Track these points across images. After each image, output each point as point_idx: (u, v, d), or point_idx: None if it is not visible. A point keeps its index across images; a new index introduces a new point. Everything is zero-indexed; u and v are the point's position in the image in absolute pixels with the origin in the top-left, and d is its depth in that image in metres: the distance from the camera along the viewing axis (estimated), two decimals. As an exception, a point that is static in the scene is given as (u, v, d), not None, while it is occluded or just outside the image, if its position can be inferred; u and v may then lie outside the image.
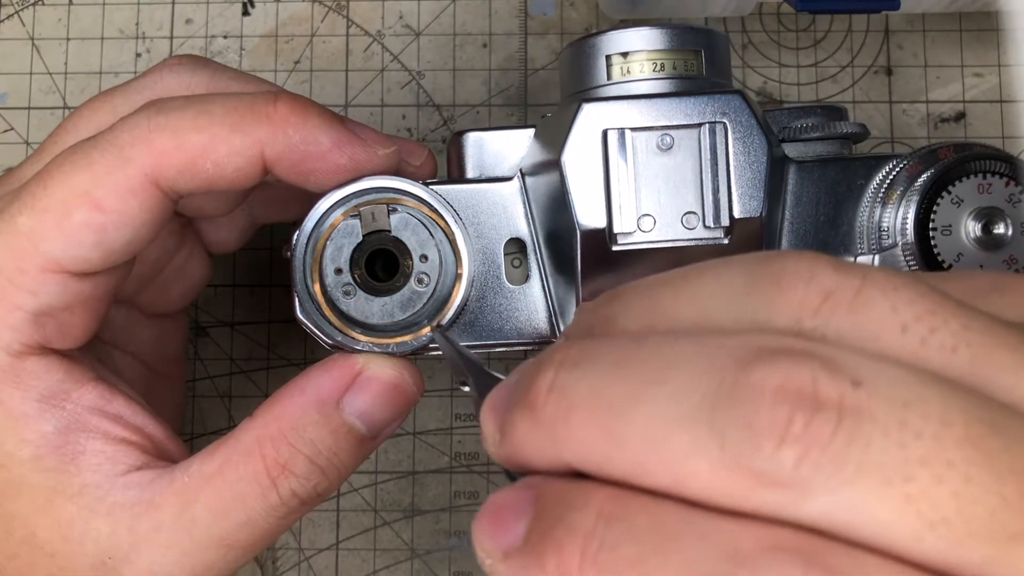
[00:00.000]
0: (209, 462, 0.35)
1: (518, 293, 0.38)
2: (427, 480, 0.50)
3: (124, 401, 0.36)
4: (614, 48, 0.37)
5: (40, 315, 0.34)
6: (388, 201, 0.36)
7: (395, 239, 0.36)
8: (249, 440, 0.35)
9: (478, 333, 0.38)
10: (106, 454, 0.35)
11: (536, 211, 0.37)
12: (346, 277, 0.36)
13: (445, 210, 0.36)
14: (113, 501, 0.34)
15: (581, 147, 0.35)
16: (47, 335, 0.35)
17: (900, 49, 0.51)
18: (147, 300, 0.43)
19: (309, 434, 0.35)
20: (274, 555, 0.49)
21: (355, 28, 0.52)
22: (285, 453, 0.34)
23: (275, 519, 0.35)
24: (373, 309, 0.36)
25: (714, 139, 0.35)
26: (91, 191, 0.33)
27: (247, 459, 0.35)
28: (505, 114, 0.51)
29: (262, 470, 0.34)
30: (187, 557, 0.34)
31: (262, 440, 0.35)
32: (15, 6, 0.52)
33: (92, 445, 0.35)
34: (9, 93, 0.51)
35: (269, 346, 0.50)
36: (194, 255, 0.44)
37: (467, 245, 0.36)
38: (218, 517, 0.34)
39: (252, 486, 0.34)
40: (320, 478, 0.35)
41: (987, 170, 0.35)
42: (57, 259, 0.33)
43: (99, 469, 0.35)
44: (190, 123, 0.34)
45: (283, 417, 0.35)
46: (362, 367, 0.35)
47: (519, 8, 0.52)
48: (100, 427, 0.35)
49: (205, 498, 0.34)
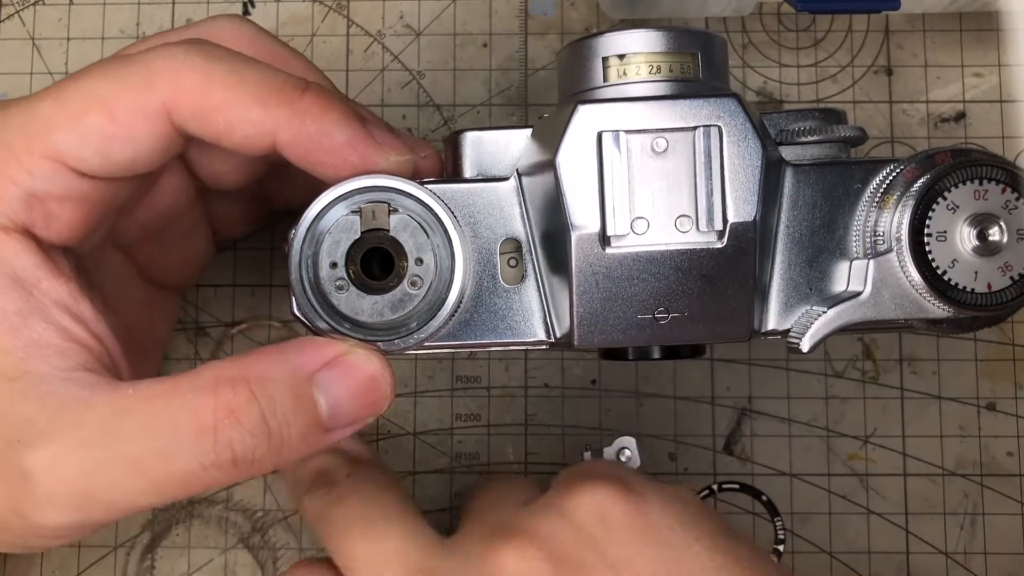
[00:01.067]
0: (160, 384, 0.34)
1: (513, 293, 0.38)
2: (427, 480, 0.50)
3: (90, 307, 0.36)
4: (611, 50, 0.37)
5: (31, 196, 0.35)
6: (389, 200, 0.36)
7: (392, 239, 0.36)
8: (208, 376, 0.34)
9: (473, 332, 0.38)
10: (59, 348, 0.34)
11: (532, 211, 0.37)
12: (340, 272, 0.36)
13: (443, 212, 0.36)
14: (48, 390, 0.34)
15: (576, 149, 0.35)
16: (33, 218, 0.35)
17: (900, 49, 0.51)
18: (144, 256, 0.43)
19: (272, 390, 0.33)
20: (274, 555, 0.49)
21: (355, 28, 0.52)
22: (242, 397, 0.33)
23: (198, 466, 0.33)
24: (364, 306, 0.36)
25: (708, 142, 0.35)
26: (110, 101, 0.34)
27: (198, 393, 0.33)
28: (505, 114, 0.51)
29: (209, 409, 0.33)
30: (94, 464, 0.33)
31: (221, 380, 0.33)
32: (15, 6, 0.52)
33: (48, 337, 0.34)
34: (9, 93, 0.52)
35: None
36: (199, 226, 0.44)
37: (463, 250, 0.36)
38: (141, 436, 0.33)
39: (191, 419, 0.33)
40: (262, 441, 0.33)
41: (983, 176, 0.35)
42: (60, 150, 0.34)
43: (46, 360, 0.34)
44: (221, 76, 0.35)
45: (252, 366, 0.34)
46: (346, 352, 0.35)
47: (519, 8, 0.52)
48: (61, 322, 0.35)
49: (138, 413, 0.33)
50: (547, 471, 0.49)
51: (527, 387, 0.50)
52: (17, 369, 0.34)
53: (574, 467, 0.41)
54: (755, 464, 0.49)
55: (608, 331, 0.36)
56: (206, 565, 0.49)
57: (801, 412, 0.49)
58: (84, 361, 0.35)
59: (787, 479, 0.49)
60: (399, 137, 0.37)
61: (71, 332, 0.35)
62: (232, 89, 0.35)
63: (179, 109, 0.35)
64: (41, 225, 0.35)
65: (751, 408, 0.49)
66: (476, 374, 0.50)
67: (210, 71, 0.35)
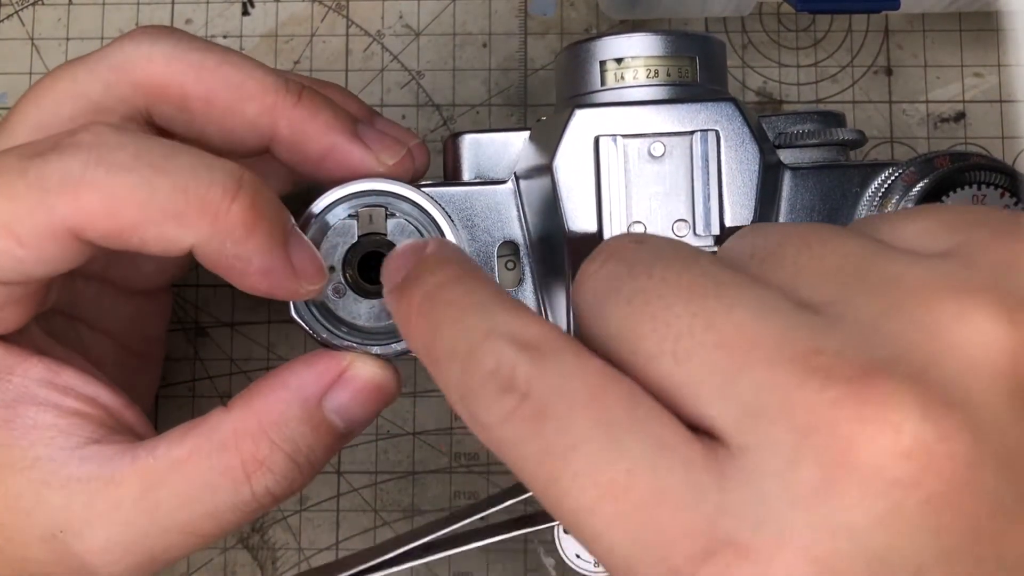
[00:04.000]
0: (179, 447, 0.34)
1: (512, 295, 0.38)
2: (427, 480, 0.50)
3: (73, 373, 0.35)
4: (608, 54, 0.37)
5: None
6: (386, 204, 0.36)
7: (390, 243, 0.36)
8: (225, 432, 0.34)
9: None
10: (59, 427, 0.34)
11: (529, 214, 0.37)
12: (338, 276, 0.36)
13: (440, 216, 0.36)
14: (68, 475, 0.33)
15: (573, 153, 0.35)
16: None
17: (900, 49, 0.51)
18: (119, 276, 0.41)
19: (290, 431, 0.34)
20: (274, 555, 0.49)
21: (355, 28, 0.52)
22: (265, 449, 0.34)
23: (243, 513, 0.34)
24: (361, 310, 0.36)
25: (706, 146, 0.35)
26: (11, 225, 0.31)
27: (222, 451, 0.34)
28: (505, 114, 0.51)
29: (238, 465, 0.33)
30: (146, 538, 0.34)
31: (240, 434, 0.34)
32: (15, 6, 0.52)
33: (43, 418, 0.34)
34: (9, 93, 0.52)
35: (269, 346, 0.50)
36: None
37: (456, 240, 0.36)
38: (184, 504, 0.33)
39: (224, 479, 0.33)
40: (296, 475, 0.34)
41: (982, 180, 0.35)
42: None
43: (52, 442, 0.33)
44: (127, 192, 0.31)
45: (264, 412, 0.34)
46: (347, 365, 0.35)
47: (519, 8, 0.52)
48: (50, 399, 0.34)
49: (172, 483, 0.33)
50: (546, 471, 0.49)
51: (526, 387, 0.50)
52: (26, 458, 0.33)
53: None
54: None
55: None
56: (205, 565, 0.49)
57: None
58: (89, 433, 0.34)
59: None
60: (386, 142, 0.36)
61: (64, 405, 0.34)
62: (141, 208, 0.31)
63: (85, 231, 0.31)
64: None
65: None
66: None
67: (113, 188, 0.31)
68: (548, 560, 0.49)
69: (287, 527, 0.49)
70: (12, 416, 0.34)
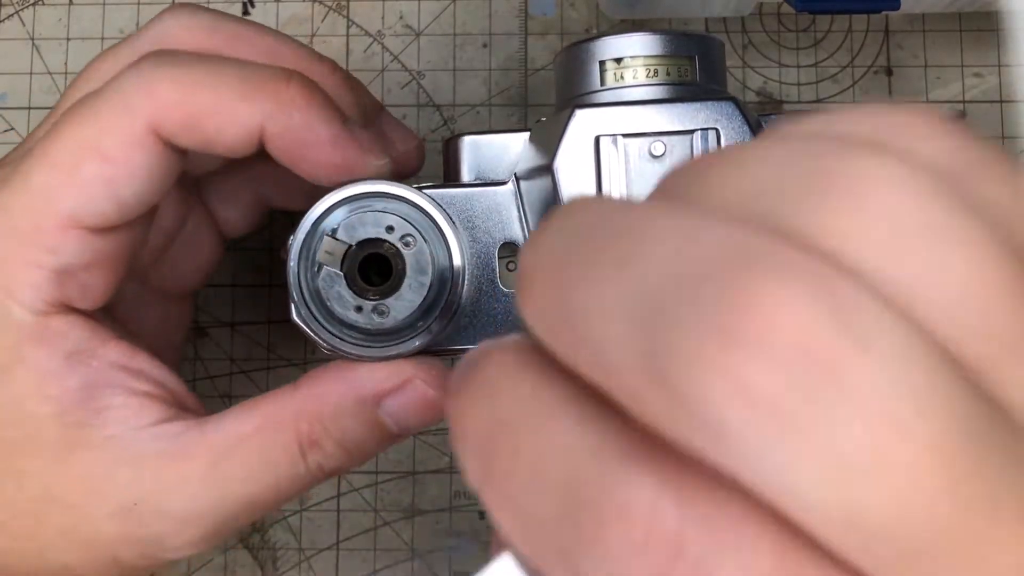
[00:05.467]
0: (245, 423, 0.35)
1: (513, 297, 0.38)
2: (427, 480, 0.50)
3: (146, 357, 0.36)
4: (608, 54, 0.37)
5: (61, 273, 0.34)
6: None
7: (390, 244, 0.36)
8: (288, 412, 0.35)
9: (474, 337, 0.38)
10: (131, 407, 0.35)
11: (530, 215, 0.37)
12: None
13: (441, 218, 0.36)
14: (139, 451, 0.35)
15: (574, 153, 0.35)
16: (69, 293, 0.35)
17: (900, 49, 0.51)
18: (158, 275, 0.43)
19: (343, 422, 0.35)
20: (274, 555, 0.49)
21: (355, 28, 0.52)
22: (318, 432, 0.35)
23: (300, 484, 0.36)
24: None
25: (706, 145, 0.35)
26: (98, 142, 0.33)
27: (282, 429, 0.35)
28: (505, 114, 0.51)
29: (294, 442, 0.35)
30: (215, 509, 0.35)
31: (299, 414, 0.35)
32: (15, 6, 0.52)
33: (117, 399, 0.35)
34: (9, 93, 0.52)
35: (269, 346, 0.50)
36: (204, 228, 0.43)
37: (461, 255, 0.36)
38: (248, 477, 0.35)
39: (284, 454, 0.35)
40: (345, 458, 0.36)
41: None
42: (73, 215, 0.33)
43: (125, 422, 0.35)
44: (199, 79, 0.34)
45: (323, 399, 0.35)
46: (411, 379, 0.36)
47: (519, 8, 0.52)
48: (124, 382, 0.35)
49: (238, 457, 0.35)
50: (547, 471, 0.49)
51: (527, 387, 0.50)
52: (100, 437, 0.35)
53: None
54: (754, 464, 0.49)
55: None
56: (206, 565, 0.49)
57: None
58: (157, 412, 0.35)
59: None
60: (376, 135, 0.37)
61: (136, 388, 0.36)
62: (213, 90, 0.34)
63: (165, 125, 0.33)
64: (78, 298, 0.35)
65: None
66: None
67: (184, 77, 0.34)
68: (548, 560, 0.49)
69: (287, 527, 0.49)
70: (88, 397, 0.35)
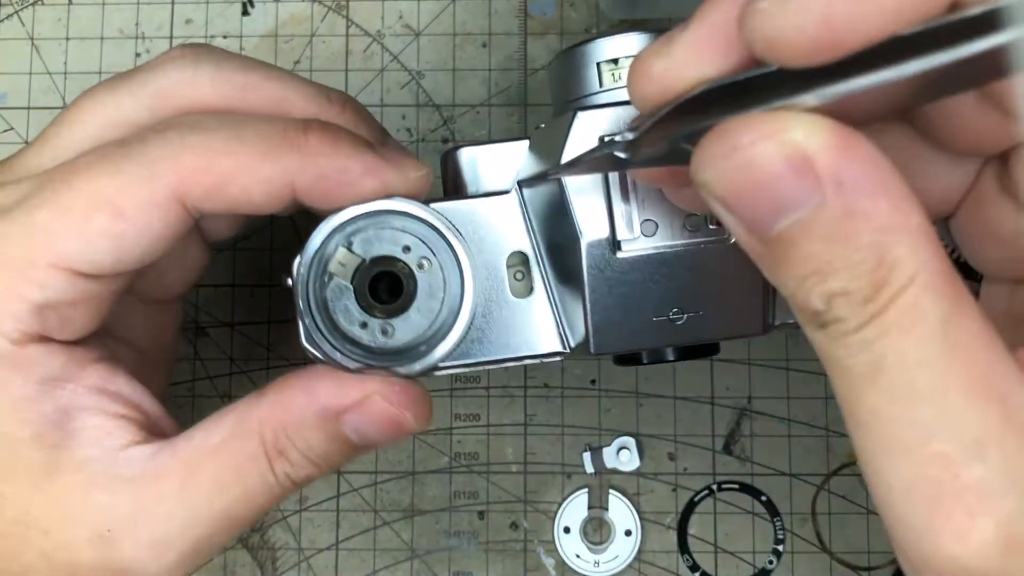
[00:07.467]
0: (213, 435, 0.35)
1: (524, 306, 0.37)
2: (427, 480, 0.50)
3: (124, 380, 0.36)
4: (604, 55, 0.37)
5: (43, 307, 0.34)
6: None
7: (404, 264, 0.36)
8: (253, 421, 0.35)
9: (486, 349, 0.37)
10: (106, 429, 0.35)
11: (536, 222, 0.37)
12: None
13: (450, 232, 0.36)
14: (115, 474, 0.35)
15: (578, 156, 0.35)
16: (48, 326, 0.35)
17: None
18: (144, 286, 0.42)
19: (305, 434, 0.35)
20: (274, 555, 0.49)
21: (355, 28, 0.52)
22: (282, 443, 0.35)
23: (270, 496, 0.36)
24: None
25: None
26: (115, 199, 0.33)
27: (248, 438, 0.35)
28: (505, 114, 0.51)
29: (261, 452, 0.35)
30: (188, 528, 0.35)
31: (264, 423, 0.35)
32: (15, 6, 0.52)
33: (92, 421, 0.35)
34: (9, 93, 0.52)
35: (269, 346, 0.50)
36: (191, 241, 0.43)
37: (471, 268, 0.36)
38: (220, 489, 0.35)
39: (252, 464, 0.35)
40: (312, 468, 0.36)
41: None
42: (69, 258, 0.34)
43: (99, 444, 0.35)
44: (221, 145, 0.34)
45: (287, 409, 0.35)
46: (371, 395, 0.35)
47: (519, 8, 0.52)
48: (99, 405, 0.35)
49: (208, 470, 0.35)
50: (547, 471, 0.50)
51: (527, 387, 0.50)
52: (75, 459, 0.35)
53: None
54: (755, 464, 0.49)
55: (624, 336, 0.36)
56: (206, 565, 0.49)
57: (801, 412, 0.50)
58: (133, 435, 0.35)
59: (787, 479, 0.49)
60: (405, 151, 0.37)
61: (111, 410, 0.36)
62: (235, 154, 0.34)
63: (190, 191, 0.34)
64: (57, 331, 0.35)
65: (751, 408, 0.50)
66: (476, 374, 0.50)
67: (208, 145, 0.34)
68: (548, 560, 0.49)
69: (287, 527, 0.49)
70: (64, 419, 0.35)
